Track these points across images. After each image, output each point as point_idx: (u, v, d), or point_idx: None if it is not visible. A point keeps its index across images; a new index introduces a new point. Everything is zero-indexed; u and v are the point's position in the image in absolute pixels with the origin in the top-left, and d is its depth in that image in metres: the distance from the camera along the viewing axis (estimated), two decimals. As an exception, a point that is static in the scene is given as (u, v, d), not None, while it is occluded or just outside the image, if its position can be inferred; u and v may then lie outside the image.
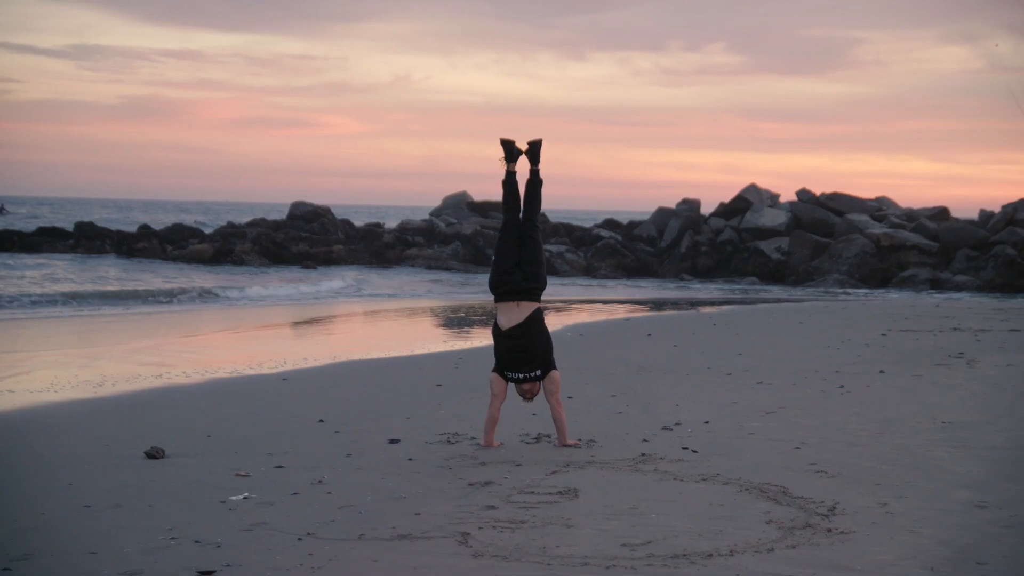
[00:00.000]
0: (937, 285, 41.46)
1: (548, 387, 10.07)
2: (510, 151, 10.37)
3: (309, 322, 25.09)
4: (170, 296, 30.81)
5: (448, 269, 46.22)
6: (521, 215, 10.28)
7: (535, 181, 10.36)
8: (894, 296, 37.93)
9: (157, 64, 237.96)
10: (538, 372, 10.02)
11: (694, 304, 32.04)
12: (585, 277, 45.01)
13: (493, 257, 10.33)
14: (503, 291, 10.05)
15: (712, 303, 32.45)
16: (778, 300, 34.32)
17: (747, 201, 48.40)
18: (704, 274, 45.62)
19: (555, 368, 10.12)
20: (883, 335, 19.64)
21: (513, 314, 10.01)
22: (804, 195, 48.72)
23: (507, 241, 10.19)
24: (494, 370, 10.13)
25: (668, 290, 40.11)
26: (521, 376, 10.01)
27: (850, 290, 40.80)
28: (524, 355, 9.96)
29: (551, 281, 44.88)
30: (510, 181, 10.37)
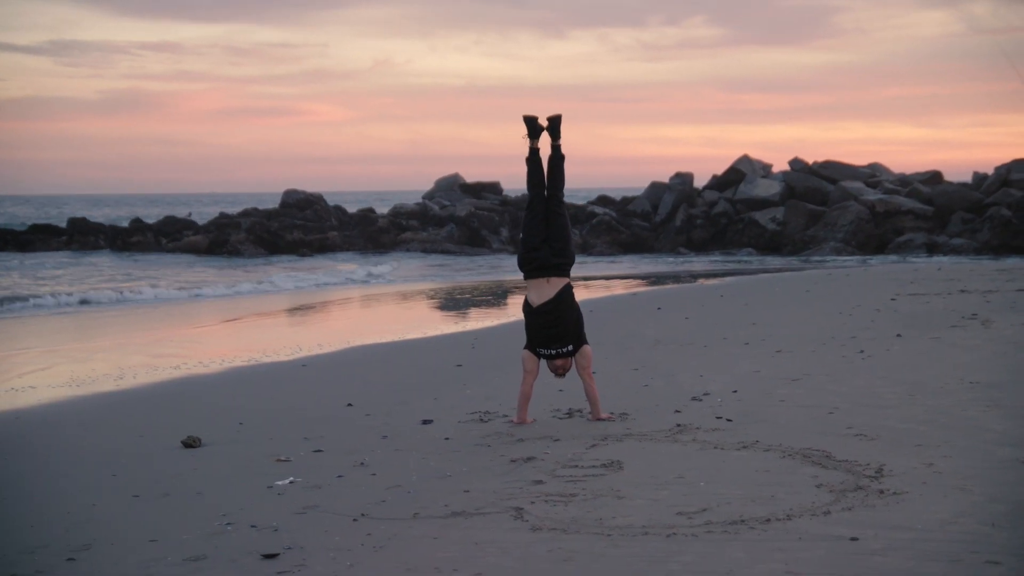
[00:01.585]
0: (933, 249, 41.58)
1: (580, 362, 10.09)
2: (533, 127, 10.37)
3: (318, 307, 25.10)
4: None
5: (445, 252, 46.22)
6: (546, 191, 10.29)
7: (557, 156, 10.37)
8: (893, 260, 38.02)
9: (136, 57, 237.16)
10: (570, 347, 10.04)
11: (695, 277, 32.11)
12: (581, 254, 44.97)
13: (521, 235, 10.33)
14: (532, 267, 10.06)
15: (713, 275, 32.52)
16: (779, 270, 34.39)
17: (740, 172, 48.42)
18: (700, 247, 45.67)
19: (587, 343, 10.14)
20: (892, 299, 19.69)
21: (543, 290, 10.03)
22: (797, 164, 48.77)
23: (534, 218, 10.20)
24: (526, 347, 10.14)
25: (666, 264, 40.18)
26: (553, 352, 10.03)
27: (847, 257, 40.88)
28: (556, 331, 9.97)
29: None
30: (534, 158, 10.37)
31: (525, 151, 10.42)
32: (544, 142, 10.45)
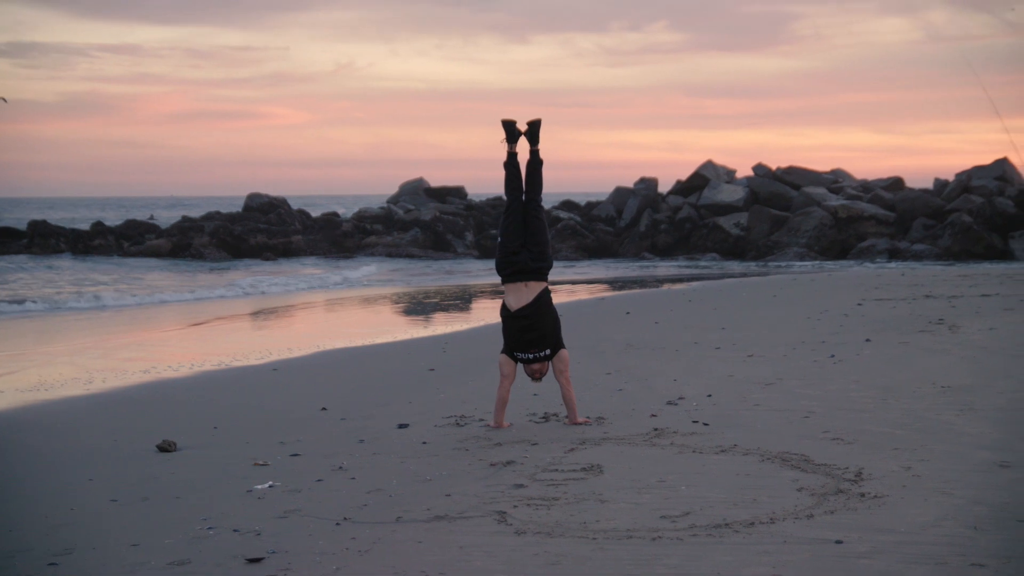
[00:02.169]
0: (896, 254, 41.86)
1: (557, 366, 10.10)
2: (511, 132, 10.38)
3: (286, 310, 25.00)
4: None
5: (409, 256, 46.15)
6: (524, 196, 10.29)
7: (536, 161, 10.38)
8: (852, 265, 38.25)
9: (95, 59, 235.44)
10: (547, 351, 10.05)
11: (661, 281, 32.21)
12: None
13: (499, 239, 10.33)
14: (511, 272, 10.07)
15: (680, 280, 32.63)
16: (744, 275, 34.54)
17: (704, 178, 48.63)
18: (665, 252, 45.80)
19: (564, 347, 10.16)
20: (859, 305, 19.82)
21: (522, 294, 10.04)
22: (760, 170, 49.00)
23: (512, 222, 10.20)
24: (503, 351, 10.14)
25: (632, 269, 40.27)
26: (531, 356, 10.03)
27: (810, 262, 41.10)
28: (534, 335, 9.98)
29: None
30: (512, 162, 10.38)
31: (502, 155, 10.42)
32: (522, 147, 10.46)
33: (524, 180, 10.32)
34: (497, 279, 10.34)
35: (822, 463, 8.18)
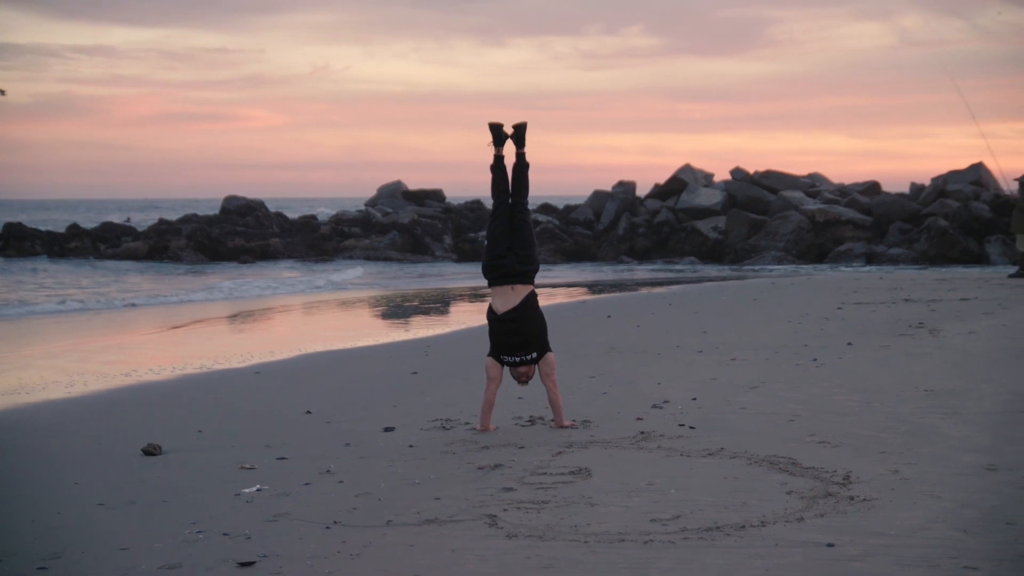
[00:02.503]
0: (872, 258, 42.04)
1: (544, 369, 10.11)
2: (498, 135, 10.39)
3: (262, 314, 24.93)
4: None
5: (387, 259, 46.10)
6: (510, 199, 10.30)
7: (521, 164, 10.38)
8: (826, 269, 38.39)
9: (70, 61, 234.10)
10: (534, 355, 10.07)
11: (641, 285, 32.24)
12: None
13: (485, 242, 10.34)
14: (497, 275, 10.08)
15: (659, 283, 32.67)
16: (723, 278, 34.62)
17: (682, 182, 48.73)
18: (643, 255, 45.86)
19: (550, 350, 10.17)
20: (839, 308, 19.89)
21: (508, 298, 10.05)
22: (738, 174, 49.12)
23: (499, 225, 10.21)
24: (489, 354, 10.15)
25: (610, 272, 40.31)
26: (517, 359, 10.05)
27: (788, 266, 41.24)
28: (520, 338, 10.01)
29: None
30: (498, 165, 10.39)
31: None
32: (508, 150, 10.47)
33: (510, 183, 10.32)
34: (479, 282, 10.35)
35: (810, 466, 8.20)
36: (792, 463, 8.32)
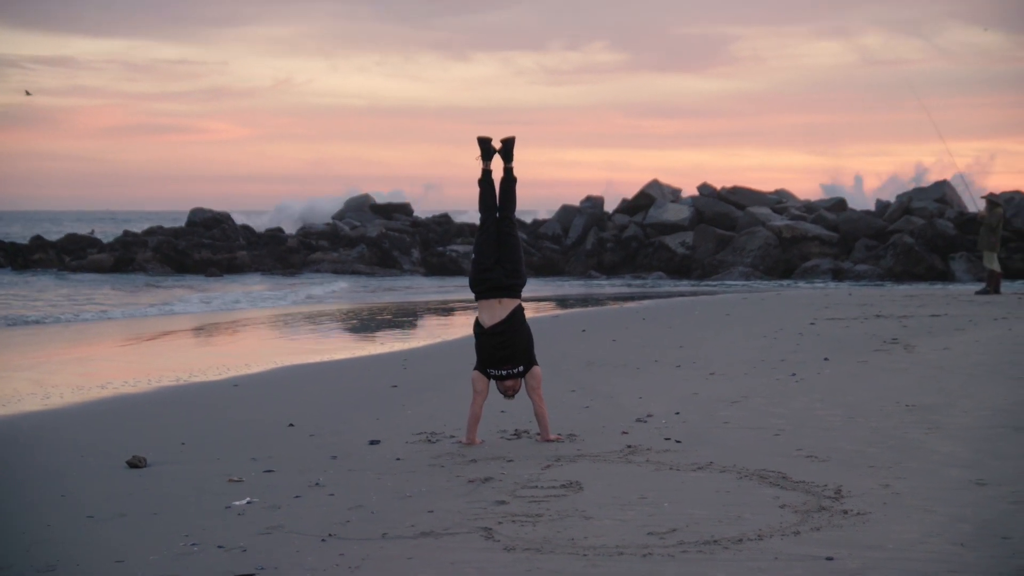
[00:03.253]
0: (839, 275, 42.29)
1: (530, 383, 10.13)
2: (486, 149, 10.41)
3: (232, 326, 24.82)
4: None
5: (355, 273, 45.99)
6: (498, 212, 10.31)
7: (510, 178, 10.41)
8: (790, 284, 38.60)
9: (29, 71, 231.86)
10: (520, 368, 10.08)
11: (610, 300, 32.30)
12: (493, 276, 44.94)
13: (473, 255, 10.35)
14: (484, 288, 10.08)
15: (630, 298, 32.73)
16: (694, 293, 34.74)
17: (650, 197, 48.91)
18: (611, 270, 45.95)
19: (536, 364, 10.19)
20: (812, 324, 19.99)
21: (495, 311, 10.06)
22: (705, 189, 49.35)
23: (486, 239, 10.22)
24: (476, 368, 10.16)
25: (579, 287, 40.36)
26: (504, 373, 10.05)
27: (756, 282, 41.43)
28: (507, 352, 10.02)
29: (461, 282, 44.56)
30: (486, 179, 10.41)
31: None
32: (496, 164, 10.49)
33: (498, 197, 10.34)
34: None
35: (800, 480, 8.24)
36: (782, 477, 8.36)
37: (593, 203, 49.05)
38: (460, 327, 23.23)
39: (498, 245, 10.17)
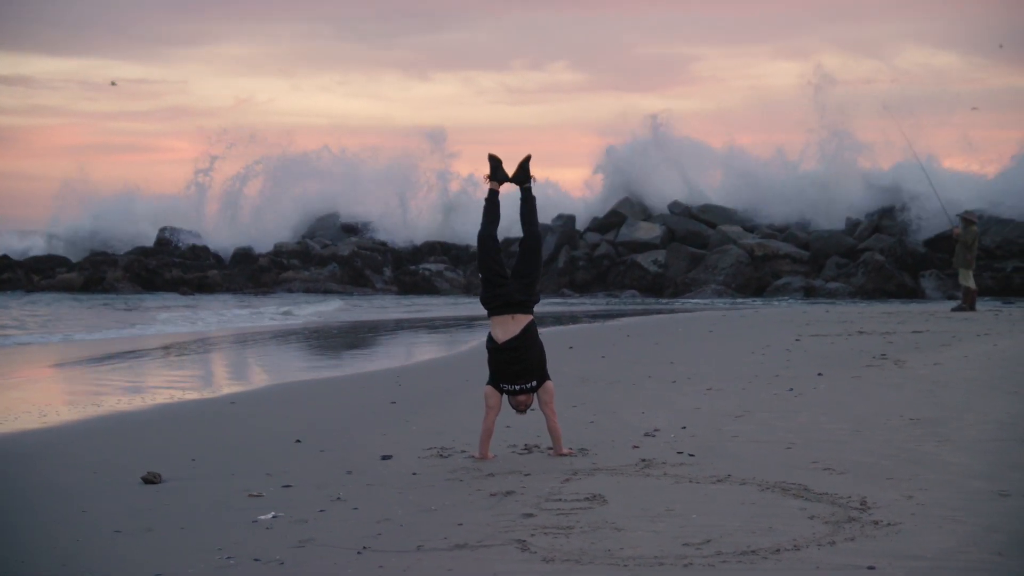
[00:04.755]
0: (811, 293, 42.58)
1: (543, 397, 10.17)
2: (496, 171, 10.52)
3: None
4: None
5: (328, 292, 45.89)
6: (526, 228, 10.45)
7: (529, 198, 10.58)
8: (761, 303, 38.82)
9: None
10: (533, 383, 10.12)
11: (589, 317, 32.38)
12: (466, 295, 45.09)
13: (480, 274, 10.42)
14: (497, 304, 10.13)
15: (608, 316, 32.82)
16: (671, 311, 34.88)
17: (621, 215, 49.11)
18: (583, 288, 46.08)
19: (549, 378, 10.23)
20: (797, 340, 20.11)
21: (509, 327, 10.10)
22: (676, 207, 49.63)
23: (489, 255, 10.32)
24: (488, 383, 10.19)
25: (553, 305, 40.40)
26: (517, 388, 10.09)
27: (728, 300, 41.62)
28: (520, 367, 10.05)
29: (433, 301, 44.50)
30: (492, 199, 10.50)
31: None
32: (509, 184, 10.64)
33: (522, 215, 10.46)
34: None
35: (822, 492, 8.30)
36: (804, 489, 8.41)
37: (564, 221, 49.21)
38: (454, 343, 23.23)
39: (521, 255, 10.33)
